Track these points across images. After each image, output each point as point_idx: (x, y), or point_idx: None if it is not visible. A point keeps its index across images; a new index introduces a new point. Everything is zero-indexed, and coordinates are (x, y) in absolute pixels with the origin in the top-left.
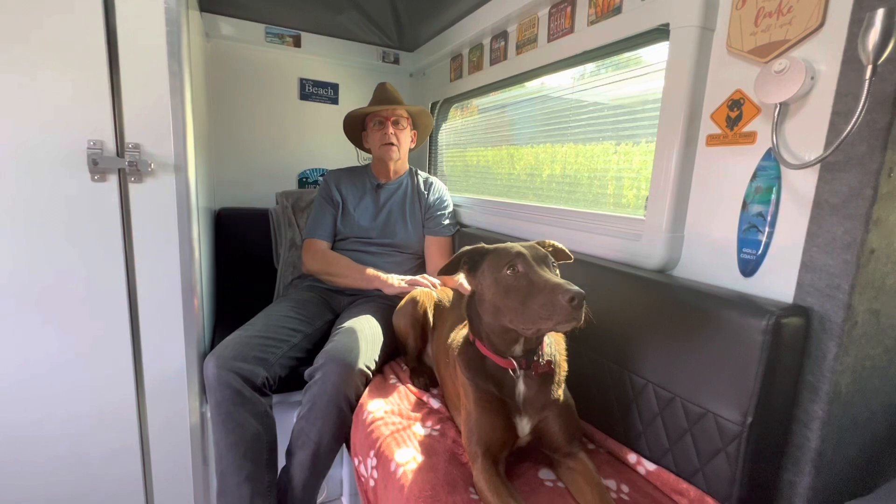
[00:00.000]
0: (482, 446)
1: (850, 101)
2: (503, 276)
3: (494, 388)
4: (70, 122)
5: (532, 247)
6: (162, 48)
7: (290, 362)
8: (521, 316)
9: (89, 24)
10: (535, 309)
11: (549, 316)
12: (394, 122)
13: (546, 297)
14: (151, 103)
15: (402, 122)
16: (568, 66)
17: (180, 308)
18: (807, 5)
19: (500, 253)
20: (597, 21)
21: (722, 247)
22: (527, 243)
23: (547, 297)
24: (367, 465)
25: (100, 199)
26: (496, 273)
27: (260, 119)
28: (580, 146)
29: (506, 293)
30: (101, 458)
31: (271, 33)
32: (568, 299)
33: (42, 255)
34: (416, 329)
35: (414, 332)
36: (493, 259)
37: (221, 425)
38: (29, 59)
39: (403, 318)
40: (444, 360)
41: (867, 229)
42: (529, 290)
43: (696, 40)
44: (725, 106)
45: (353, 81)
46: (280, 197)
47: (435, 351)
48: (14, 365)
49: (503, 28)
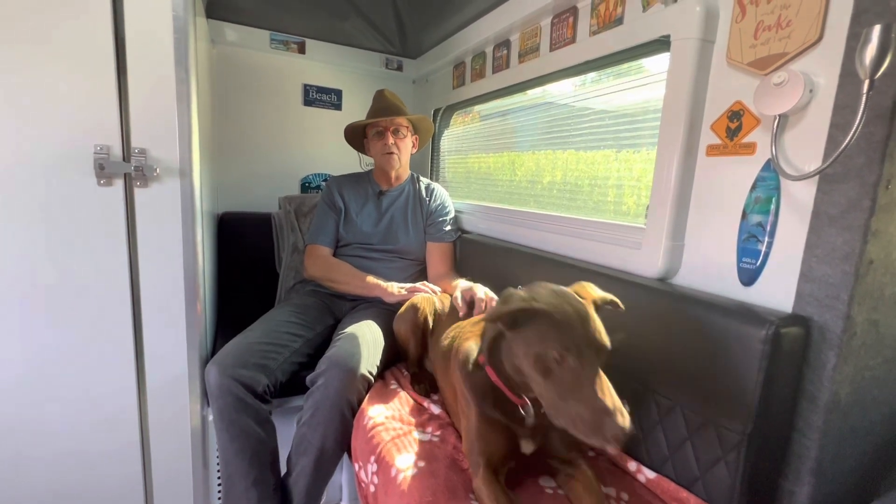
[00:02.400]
0: (483, 457)
1: (848, 113)
2: (547, 356)
3: (501, 416)
4: (78, 127)
5: (589, 326)
6: (169, 55)
7: (291, 367)
8: (553, 407)
9: (98, 30)
10: (572, 414)
11: (584, 431)
12: (393, 132)
13: (591, 415)
14: (158, 109)
15: (403, 131)
16: (570, 75)
17: (183, 311)
18: (805, 20)
19: (551, 328)
20: (598, 32)
21: (722, 256)
22: (577, 301)
23: (592, 415)
24: (368, 471)
25: (105, 203)
26: (540, 347)
27: (264, 124)
28: (581, 153)
29: (544, 374)
30: (102, 458)
31: (276, 40)
32: (613, 435)
33: (48, 258)
34: (416, 335)
35: (415, 339)
36: (541, 330)
37: (225, 432)
38: (39, 64)
39: (404, 324)
40: (442, 365)
41: (866, 240)
42: (573, 390)
43: (697, 52)
44: (725, 117)
45: (357, 87)
46: (283, 201)
47: (435, 357)
48: (18, 365)
49: (506, 37)
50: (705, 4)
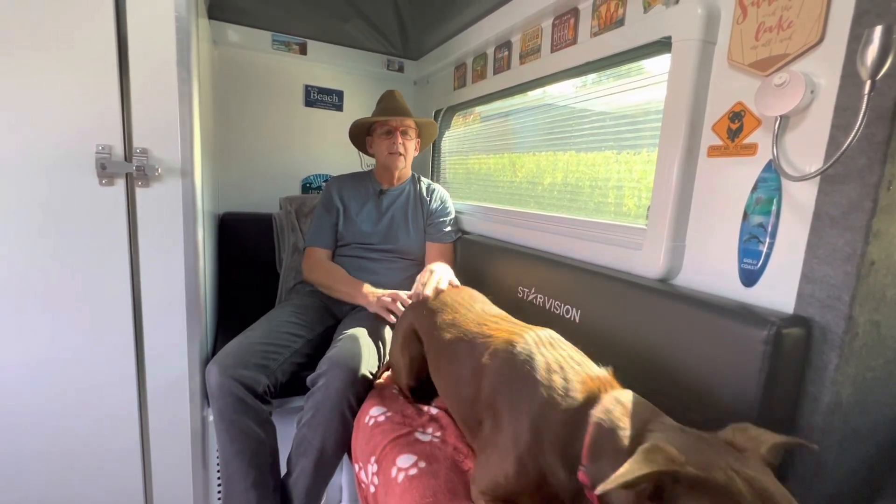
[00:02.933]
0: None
1: (849, 115)
2: None
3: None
4: (80, 127)
5: None
6: (171, 56)
7: (291, 368)
8: None
9: (101, 31)
10: None
11: None
12: (402, 133)
13: None
14: (160, 109)
15: (410, 133)
16: (571, 76)
17: (184, 311)
18: (806, 21)
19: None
20: (600, 33)
21: (723, 257)
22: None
23: None
24: (368, 472)
25: (107, 202)
26: None
27: (265, 124)
28: (581, 154)
29: None
30: (102, 458)
31: (278, 41)
32: None
33: (48, 257)
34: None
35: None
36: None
37: (225, 433)
38: (43, 65)
39: (396, 353)
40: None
41: (867, 241)
42: None
43: (698, 53)
44: (726, 118)
45: (358, 88)
46: (284, 202)
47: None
48: (17, 364)
49: (507, 38)
50: (706, 5)
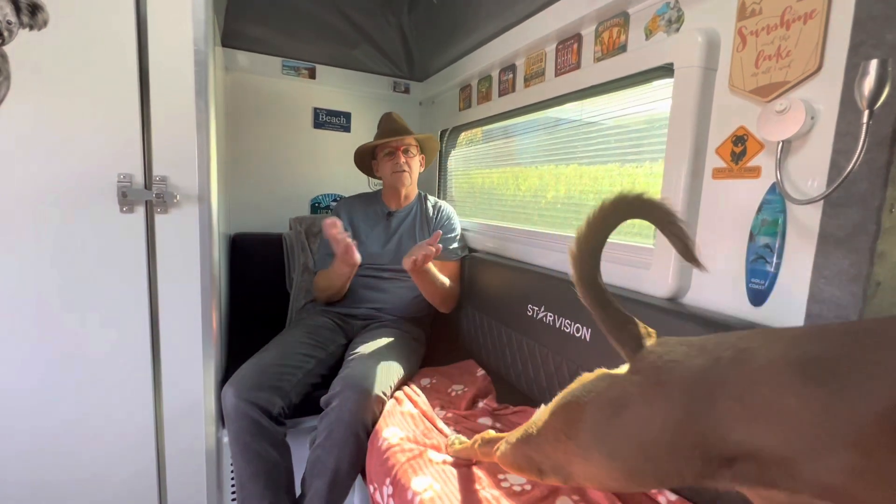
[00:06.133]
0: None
1: (849, 140)
2: None
3: None
4: (102, 157)
5: None
6: (190, 86)
7: (304, 388)
8: None
9: (124, 65)
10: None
11: None
12: (404, 151)
13: None
14: (178, 138)
15: (412, 150)
16: (575, 99)
17: (199, 333)
18: (804, 50)
19: None
20: (603, 58)
21: (731, 276)
22: None
23: None
24: (384, 493)
25: (127, 229)
26: None
27: (275, 146)
28: (584, 168)
29: None
30: (119, 480)
31: (288, 66)
32: None
33: (69, 283)
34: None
35: None
36: None
37: (241, 455)
38: (68, 99)
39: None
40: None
41: (872, 262)
42: None
43: (699, 79)
44: (730, 141)
45: (366, 110)
46: (293, 222)
47: None
48: (35, 387)
49: (511, 61)
50: (706, 34)
